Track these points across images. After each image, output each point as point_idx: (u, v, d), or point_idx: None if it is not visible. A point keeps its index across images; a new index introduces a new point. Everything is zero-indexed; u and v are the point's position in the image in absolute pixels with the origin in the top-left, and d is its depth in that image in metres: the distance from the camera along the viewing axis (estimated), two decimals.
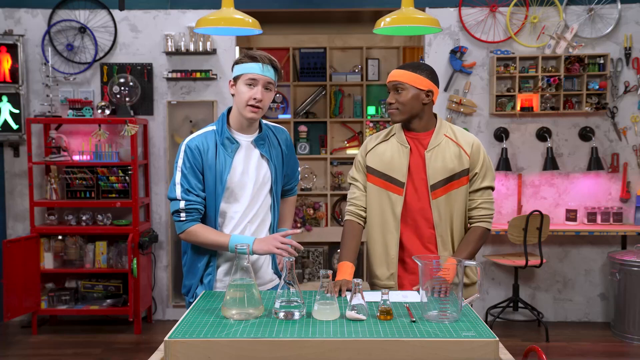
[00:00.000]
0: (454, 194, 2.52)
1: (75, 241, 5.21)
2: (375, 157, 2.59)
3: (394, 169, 2.54)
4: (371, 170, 2.60)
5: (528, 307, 5.17)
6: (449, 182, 2.51)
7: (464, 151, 2.54)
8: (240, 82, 2.45)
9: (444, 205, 2.51)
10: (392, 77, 2.55)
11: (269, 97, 2.48)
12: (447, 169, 2.51)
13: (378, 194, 2.57)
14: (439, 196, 2.51)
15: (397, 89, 2.52)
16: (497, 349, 1.84)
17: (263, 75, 2.43)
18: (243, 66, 2.45)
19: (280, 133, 2.65)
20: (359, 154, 2.67)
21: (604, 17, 5.27)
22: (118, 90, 5.22)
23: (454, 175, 2.52)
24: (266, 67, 2.44)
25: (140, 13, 5.36)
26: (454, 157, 2.52)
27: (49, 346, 4.83)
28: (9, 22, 5.33)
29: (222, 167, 2.46)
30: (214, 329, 1.94)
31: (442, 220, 2.52)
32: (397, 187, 2.54)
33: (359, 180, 2.65)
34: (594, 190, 5.38)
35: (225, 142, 2.48)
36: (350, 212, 2.64)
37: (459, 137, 2.56)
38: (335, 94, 6.74)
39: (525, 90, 5.26)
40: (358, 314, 2.01)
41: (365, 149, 2.65)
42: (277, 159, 2.59)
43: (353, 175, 2.68)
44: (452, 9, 5.32)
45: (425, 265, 2.05)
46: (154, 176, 5.46)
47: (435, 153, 2.52)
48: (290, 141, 2.70)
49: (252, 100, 2.43)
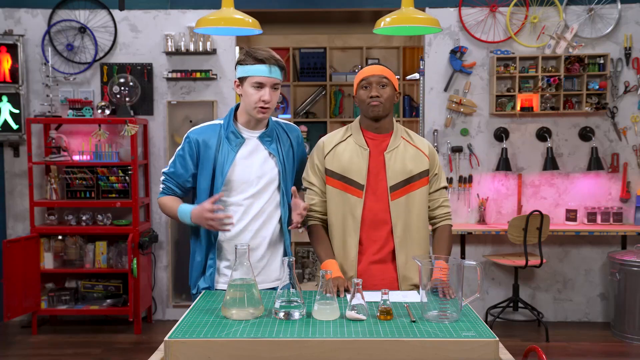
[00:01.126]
0: (413, 195, 2.52)
1: (75, 241, 5.21)
2: (335, 160, 2.54)
3: (353, 171, 2.52)
4: (330, 173, 2.55)
5: (528, 307, 5.17)
6: (408, 183, 2.52)
7: (422, 153, 2.56)
8: (247, 84, 2.46)
9: (403, 206, 2.51)
10: (375, 71, 2.51)
11: (276, 96, 2.51)
12: (406, 170, 2.51)
13: (337, 196, 2.54)
14: (397, 197, 2.50)
15: (381, 84, 2.50)
16: (497, 349, 1.84)
17: (270, 77, 2.44)
18: (249, 68, 2.44)
19: (291, 131, 2.66)
20: (315, 156, 2.59)
21: (604, 17, 5.27)
22: (118, 90, 5.22)
23: (413, 177, 2.52)
24: (273, 68, 2.44)
25: (140, 13, 5.36)
26: (412, 158, 2.53)
27: (49, 346, 4.83)
28: (9, 22, 5.33)
29: (223, 160, 2.48)
30: (214, 329, 1.94)
31: (401, 221, 2.50)
32: (356, 189, 2.51)
33: (316, 185, 2.59)
34: (594, 190, 5.38)
35: (230, 136, 2.51)
36: (312, 218, 2.60)
37: (416, 140, 2.60)
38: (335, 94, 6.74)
39: (525, 90, 5.26)
40: (358, 314, 2.01)
41: (322, 151, 2.58)
42: (286, 156, 2.58)
43: (309, 180, 2.59)
44: (452, 9, 5.32)
45: (425, 265, 2.06)
46: (154, 176, 5.46)
47: (395, 155, 2.52)
48: (302, 139, 2.70)
49: (260, 103, 2.44)
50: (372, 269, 2.53)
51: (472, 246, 5.41)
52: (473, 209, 5.38)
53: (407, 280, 2.52)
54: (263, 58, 2.43)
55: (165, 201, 2.59)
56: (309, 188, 2.60)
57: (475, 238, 5.40)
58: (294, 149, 2.63)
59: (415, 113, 6.63)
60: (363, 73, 2.54)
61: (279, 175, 2.55)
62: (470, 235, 5.31)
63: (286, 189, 2.58)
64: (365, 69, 2.55)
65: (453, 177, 5.39)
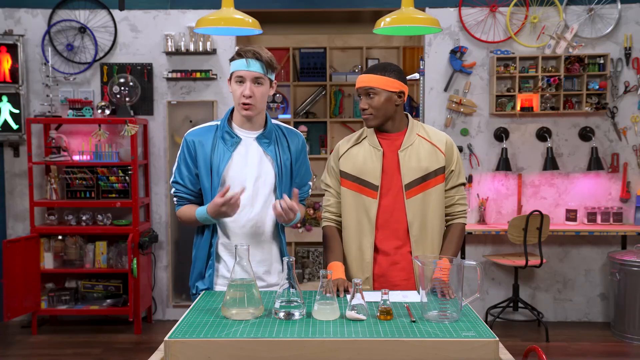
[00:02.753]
0: (429, 193, 2.50)
1: (75, 241, 5.21)
2: (348, 162, 2.55)
3: (367, 172, 2.51)
4: (344, 175, 2.56)
5: (528, 307, 5.17)
6: (424, 180, 2.49)
7: (438, 149, 2.52)
8: (232, 81, 2.50)
9: (419, 204, 2.49)
10: (361, 82, 2.50)
11: (260, 92, 2.47)
12: (421, 168, 2.49)
13: (352, 198, 2.54)
14: (413, 195, 2.48)
15: (368, 94, 2.47)
16: (497, 349, 1.84)
17: (249, 71, 2.44)
18: (233, 64, 2.50)
19: (292, 136, 2.61)
20: (331, 159, 2.63)
21: (604, 17, 5.27)
22: (118, 90, 5.22)
23: (429, 174, 2.49)
24: (250, 61, 2.43)
25: (140, 13, 5.36)
26: (428, 155, 2.50)
27: (49, 346, 4.83)
28: (9, 22, 5.33)
29: (219, 160, 2.48)
30: (214, 329, 1.94)
31: (417, 219, 2.49)
32: (371, 190, 2.51)
33: (332, 186, 2.61)
34: (594, 190, 5.38)
35: (224, 136, 2.51)
36: (327, 219, 2.62)
37: (432, 136, 2.55)
38: (335, 94, 6.74)
39: (525, 90, 5.26)
40: (358, 314, 2.01)
41: (337, 153, 2.61)
42: (283, 160, 2.56)
43: (326, 182, 2.64)
44: (452, 9, 5.32)
45: (425, 265, 2.05)
46: (154, 176, 5.46)
47: (409, 152, 2.50)
48: (302, 147, 2.64)
49: (242, 98, 2.45)
50: (390, 270, 2.51)
51: (472, 246, 5.41)
52: (473, 209, 5.38)
53: None
54: (242, 52, 2.45)
55: (182, 213, 2.57)
56: (326, 190, 2.64)
57: (475, 238, 5.40)
58: (291, 155, 2.58)
59: (415, 113, 6.63)
60: (356, 83, 2.55)
61: (275, 178, 2.53)
62: (470, 235, 5.31)
63: (282, 192, 2.56)
64: (358, 78, 2.55)
65: None
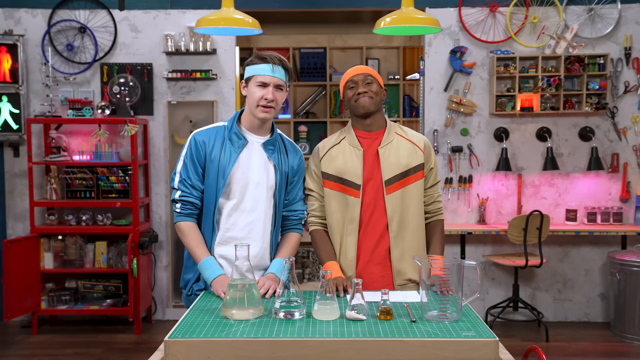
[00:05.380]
0: (409, 189, 2.56)
1: (75, 241, 5.21)
2: (330, 163, 2.59)
3: (348, 172, 2.55)
4: (327, 176, 2.60)
5: (528, 307, 5.17)
6: (404, 177, 2.55)
7: (417, 147, 2.60)
8: (252, 84, 2.47)
9: (398, 200, 2.54)
10: (359, 70, 2.58)
11: (281, 97, 2.49)
12: (401, 164, 2.55)
13: (335, 198, 2.58)
14: (393, 191, 2.53)
15: (367, 82, 2.56)
16: (497, 349, 1.84)
17: (273, 77, 2.44)
18: (254, 68, 2.47)
19: (293, 151, 2.62)
20: (312, 162, 2.65)
21: (604, 17, 5.27)
22: (118, 90, 5.22)
23: (409, 171, 2.56)
24: (276, 67, 2.45)
25: (140, 13, 5.36)
26: (408, 153, 2.57)
27: (49, 346, 4.83)
28: (9, 22, 5.33)
29: (226, 161, 2.47)
30: (214, 329, 1.94)
31: (396, 215, 2.53)
32: (353, 189, 2.54)
33: (315, 190, 2.64)
34: (594, 190, 5.38)
35: (232, 137, 2.50)
36: (313, 223, 2.66)
37: (410, 135, 2.64)
38: (335, 94, 6.74)
39: (525, 90, 5.26)
40: (358, 314, 2.01)
41: (318, 156, 2.63)
42: (284, 170, 2.56)
43: (308, 186, 2.65)
44: (452, 9, 5.32)
45: (424, 265, 2.06)
46: (154, 176, 5.46)
47: (389, 149, 2.56)
48: (299, 165, 2.62)
49: (263, 101, 2.44)
50: (370, 268, 2.55)
51: (472, 246, 5.41)
52: (473, 209, 5.38)
53: (401, 275, 2.55)
54: (267, 57, 2.45)
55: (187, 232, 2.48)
56: (309, 194, 2.66)
57: (475, 238, 5.40)
58: (289, 169, 2.58)
59: (415, 113, 6.63)
60: (348, 75, 2.61)
61: (276, 184, 2.54)
62: (470, 235, 5.31)
63: (281, 199, 2.57)
64: (349, 71, 2.62)
65: (453, 177, 5.39)
